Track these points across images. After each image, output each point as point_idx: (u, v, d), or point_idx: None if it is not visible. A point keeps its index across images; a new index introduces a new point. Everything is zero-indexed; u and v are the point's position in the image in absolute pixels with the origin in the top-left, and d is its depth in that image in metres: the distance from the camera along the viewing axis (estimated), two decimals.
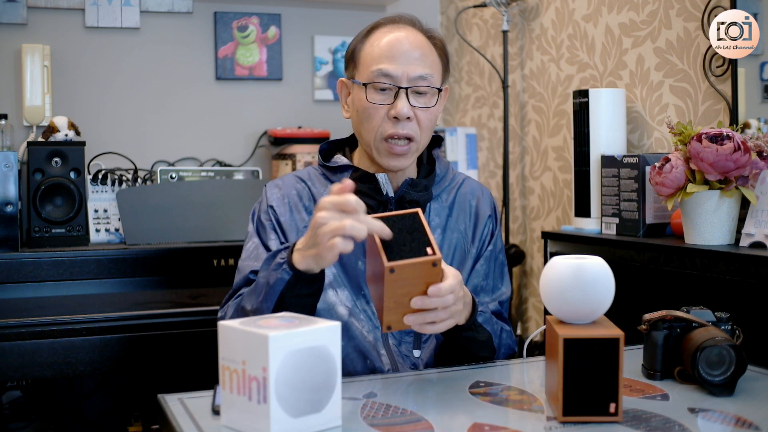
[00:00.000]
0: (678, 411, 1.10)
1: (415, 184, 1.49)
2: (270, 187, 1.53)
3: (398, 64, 1.43)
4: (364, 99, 1.44)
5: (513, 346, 1.52)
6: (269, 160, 2.93)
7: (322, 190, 1.51)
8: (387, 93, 1.43)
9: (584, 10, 2.39)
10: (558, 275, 1.10)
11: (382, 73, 1.42)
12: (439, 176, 1.55)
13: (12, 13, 2.62)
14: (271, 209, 1.49)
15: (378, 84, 1.43)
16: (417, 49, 1.45)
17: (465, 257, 1.52)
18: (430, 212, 1.52)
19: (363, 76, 1.45)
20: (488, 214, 1.57)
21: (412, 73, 1.43)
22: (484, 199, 1.58)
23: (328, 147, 1.58)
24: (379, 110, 1.43)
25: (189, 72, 2.88)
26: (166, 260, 2.25)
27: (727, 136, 1.60)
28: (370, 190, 1.47)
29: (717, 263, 1.60)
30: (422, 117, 1.44)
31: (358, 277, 1.46)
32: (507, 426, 1.06)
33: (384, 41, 1.45)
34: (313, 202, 1.50)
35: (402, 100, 1.42)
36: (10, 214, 2.15)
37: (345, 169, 1.50)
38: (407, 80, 1.43)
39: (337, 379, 1.04)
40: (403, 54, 1.43)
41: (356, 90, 1.47)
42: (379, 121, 1.43)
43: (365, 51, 1.47)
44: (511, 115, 2.75)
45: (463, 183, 1.59)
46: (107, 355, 2.07)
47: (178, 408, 1.14)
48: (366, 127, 1.45)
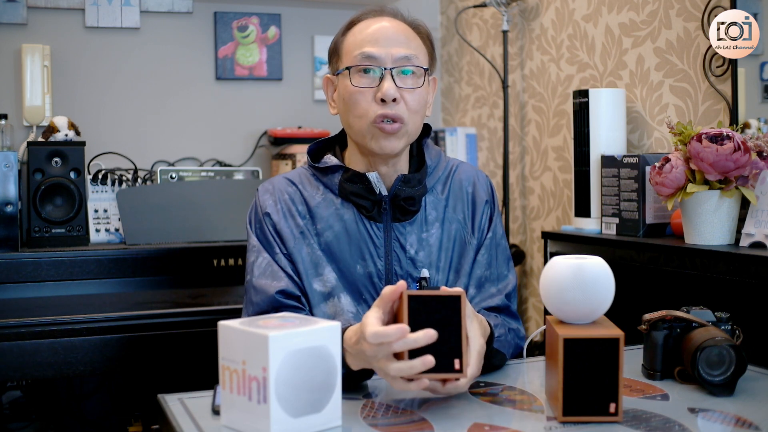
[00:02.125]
0: (678, 411, 1.10)
1: (407, 180, 1.44)
2: (261, 193, 1.49)
3: (381, 46, 1.40)
4: (349, 85, 1.41)
5: (520, 344, 1.47)
6: (269, 160, 2.93)
7: (314, 192, 1.47)
8: (372, 76, 1.40)
9: (584, 10, 2.39)
10: (558, 275, 1.10)
11: (366, 55, 1.40)
12: (431, 167, 1.50)
13: (12, 13, 2.62)
14: (267, 217, 1.46)
15: (362, 66, 1.40)
16: (401, 33, 1.43)
17: (465, 248, 1.48)
18: (426, 206, 1.47)
19: (346, 62, 1.43)
20: (485, 200, 1.52)
21: (396, 53, 1.40)
22: (480, 184, 1.53)
23: (316, 147, 1.54)
24: (365, 94, 1.40)
25: (189, 72, 2.88)
26: (166, 260, 2.25)
27: (727, 136, 1.60)
28: (363, 190, 1.43)
29: (717, 263, 1.60)
30: (410, 99, 1.41)
31: (356, 282, 1.43)
32: (507, 426, 1.06)
33: (365, 29, 1.44)
34: (305, 205, 1.46)
35: (388, 80, 1.39)
36: (10, 214, 2.15)
37: (335, 170, 1.46)
38: (392, 61, 1.40)
39: (337, 379, 1.04)
40: (387, 37, 1.41)
41: (341, 80, 1.44)
42: (366, 105, 1.40)
43: (347, 41, 1.45)
44: (511, 115, 2.75)
45: (456, 169, 1.54)
46: (107, 355, 2.07)
47: (178, 408, 1.14)
48: (354, 114, 1.41)
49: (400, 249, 1.44)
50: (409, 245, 1.44)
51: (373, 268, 1.43)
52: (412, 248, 1.44)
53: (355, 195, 1.44)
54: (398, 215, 1.44)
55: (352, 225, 1.44)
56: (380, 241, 1.43)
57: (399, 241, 1.44)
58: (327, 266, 1.43)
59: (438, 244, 1.46)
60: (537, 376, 1.32)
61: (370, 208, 1.44)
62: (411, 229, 1.45)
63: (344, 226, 1.44)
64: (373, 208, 1.44)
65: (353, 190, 1.44)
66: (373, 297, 1.42)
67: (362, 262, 1.43)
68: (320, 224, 1.44)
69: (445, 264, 1.46)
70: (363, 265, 1.43)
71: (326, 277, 1.42)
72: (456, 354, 1.07)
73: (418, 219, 1.46)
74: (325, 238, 1.44)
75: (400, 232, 1.44)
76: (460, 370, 1.07)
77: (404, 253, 1.44)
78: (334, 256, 1.43)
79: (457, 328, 1.07)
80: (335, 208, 1.45)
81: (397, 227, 1.44)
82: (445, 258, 1.46)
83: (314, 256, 1.43)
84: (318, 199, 1.46)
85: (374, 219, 1.44)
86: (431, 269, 1.45)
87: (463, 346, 1.07)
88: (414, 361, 1.05)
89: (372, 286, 1.43)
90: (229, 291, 2.28)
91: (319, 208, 1.45)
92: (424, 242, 1.45)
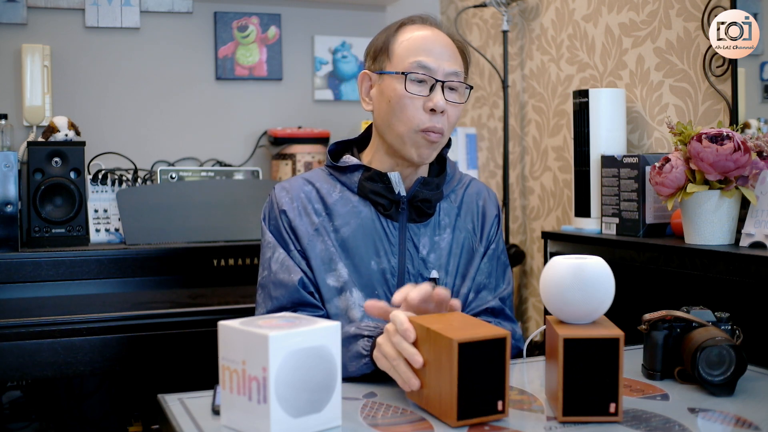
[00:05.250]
0: (678, 411, 1.10)
1: (427, 183, 1.50)
2: (278, 190, 1.53)
3: (434, 57, 1.44)
4: (400, 89, 1.44)
5: (518, 345, 1.51)
6: (269, 160, 2.93)
7: (331, 190, 1.51)
8: (423, 85, 1.44)
9: (584, 10, 2.39)
10: (558, 275, 1.10)
11: (421, 64, 1.43)
12: (449, 176, 1.57)
13: (12, 13, 2.62)
14: (283, 214, 1.49)
15: (416, 74, 1.43)
16: (448, 47, 1.47)
17: (472, 255, 1.54)
18: (440, 212, 1.53)
19: (398, 67, 1.45)
20: (495, 214, 1.59)
21: (447, 68, 1.45)
22: (490, 200, 1.61)
23: (336, 148, 1.58)
24: (415, 101, 1.44)
25: (189, 72, 2.88)
26: (166, 260, 2.25)
27: (727, 136, 1.60)
28: (382, 189, 1.48)
29: (717, 263, 1.60)
30: (452, 113, 1.47)
31: (370, 277, 1.46)
32: (507, 426, 1.06)
33: (418, 36, 1.47)
34: (321, 203, 1.50)
35: (438, 93, 1.44)
36: (10, 214, 2.15)
37: (356, 169, 1.50)
38: (443, 74, 1.44)
39: (337, 379, 1.05)
40: (438, 49, 1.45)
41: (389, 81, 1.46)
42: (414, 111, 1.44)
43: (399, 43, 1.47)
44: (511, 115, 2.75)
45: (470, 184, 1.61)
46: (107, 355, 2.07)
47: (178, 408, 1.14)
48: (400, 117, 1.45)
49: (414, 248, 1.49)
50: (422, 246, 1.49)
51: (387, 264, 1.47)
52: (424, 249, 1.49)
53: (375, 193, 1.48)
54: (414, 216, 1.49)
55: (369, 222, 1.48)
56: (395, 239, 1.48)
57: (413, 240, 1.49)
58: (340, 262, 1.46)
59: (448, 248, 1.51)
60: (537, 376, 1.32)
61: (388, 207, 1.48)
62: (425, 231, 1.50)
63: (361, 223, 1.48)
64: (391, 207, 1.48)
65: (373, 188, 1.48)
66: (386, 292, 1.46)
67: (377, 258, 1.47)
68: (338, 220, 1.48)
69: (453, 268, 1.51)
70: (377, 261, 1.47)
71: (339, 272, 1.46)
72: (499, 396, 1.07)
73: (431, 222, 1.51)
74: (342, 233, 1.47)
75: (414, 232, 1.49)
76: (503, 410, 1.07)
77: (417, 253, 1.49)
78: (350, 251, 1.47)
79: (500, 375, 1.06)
80: (353, 206, 1.49)
81: (411, 227, 1.49)
82: (454, 263, 1.51)
83: (328, 252, 1.47)
84: (336, 196, 1.50)
85: (391, 217, 1.48)
86: (441, 271, 1.50)
87: (506, 383, 1.07)
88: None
89: (385, 282, 1.46)
90: (229, 291, 2.28)
91: (337, 206, 1.49)
92: (436, 245, 1.50)
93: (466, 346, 1.03)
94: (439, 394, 1.07)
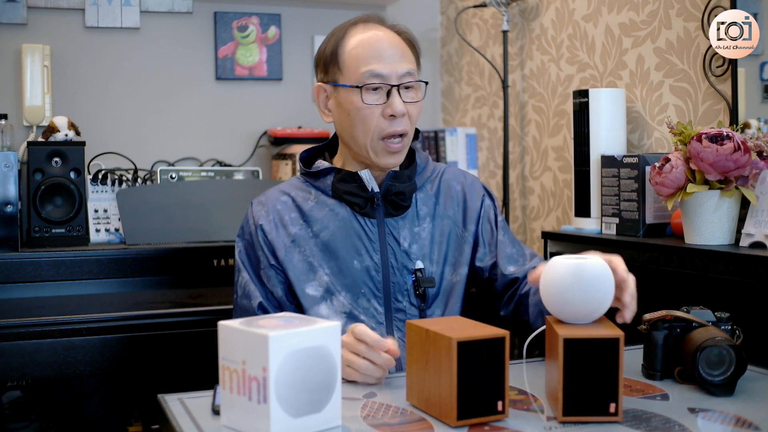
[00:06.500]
0: (678, 411, 1.10)
1: (398, 176, 1.51)
2: (255, 204, 1.55)
3: (385, 63, 1.45)
4: (357, 101, 1.45)
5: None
6: (269, 160, 2.93)
7: (306, 197, 1.52)
8: (379, 92, 1.46)
9: (584, 10, 2.39)
10: (558, 275, 1.10)
11: (374, 73, 1.45)
12: (420, 166, 1.57)
13: (12, 13, 2.62)
14: (260, 228, 1.50)
15: (371, 84, 1.45)
16: (396, 47, 1.48)
17: (460, 243, 1.55)
18: (417, 202, 1.54)
19: (351, 79, 1.46)
20: (480, 194, 1.59)
21: (400, 70, 1.46)
22: (468, 183, 1.61)
23: (308, 154, 1.60)
24: (374, 110, 1.45)
25: (189, 72, 2.88)
26: (166, 260, 2.25)
27: (727, 136, 1.60)
28: (356, 188, 1.49)
29: (717, 263, 1.60)
30: (413, 111, 1.48)
31: (354, 277, 1.47)
32: (507, 426, 1.06)
33: (365, 42, 1.47)
34: (298, 211, 1.51)
35: (396, 97, 1.45)
36: (10, 214, 2.15)
37: (327, 173, 1.52)
38: (397, 78, 1.46)
39: (337, 379, 1.05)
40: (388, 52, 1.46)
41: (344, 93, 1.48)
42: (375, 120, 1.46)
43: (347, 53, 1.48)
44: (511, 115, 2.75)
45: (444, 171, 1.62)
46: (107, 355, 2.07)
47: (178, 408, 1.14)
48: (361, 129, 1.46)
49: (395, 242, 1.50)
50: (403, 239, 1.51)
51: (370, 261, 1.48)
52: (405, 241, 1.51)
53: (348, 193, 1.49)
54: (390, 210, 1.51)
55: (347, 222, 1.49)
56: (375, 235, 1.49)
57: (393, 234, 1.50)
58: (320, 269, 1.47)
59: (430, 237, 1.53)
60: (537, 376, 1.32)
61: (363, 205, 1.50)
62: (403, 224, 1.52)
63: (339, 225, 1.49)
64: (366, 205, 1.50)
65: (346, 189, 1.49)
66: (371, 289, 1.47)
67: (358, 257, 1.48)
68: (316, 226, 1.50)
69: (439, 257, 1.52)
70: (359, 260, 1.48)
71: (320, 279, 1.47)
72: (500, 396, 1.07)
73: (409, 214, 1.53)
74: (322, 237, 1.49)
75: (393, 226, 1.51)
76: (503, 410, 1.07)
77: (398, 246, 1.50)
78: (332, 254, 1.48)
79: (500, 374, 1.07)
80: (329, 209, 1.51)
81: (389, 222, 1.51)
82: (439, 251, 1.53)
83: (306, 262, 1.48)
84: (311, 203, 1.52)
85: (367, 215, 1.50)
86: (425, 261, 1.51)
87: (506, 382, 1.08)
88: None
89: (370, 279, 1.48)
90: (229, 291, 2.27)
91: (313, 211, 1.51)
92: (417, 236, 1.52)
93: (465, 345, 1.04)
94: (438, 394, 1.07)
